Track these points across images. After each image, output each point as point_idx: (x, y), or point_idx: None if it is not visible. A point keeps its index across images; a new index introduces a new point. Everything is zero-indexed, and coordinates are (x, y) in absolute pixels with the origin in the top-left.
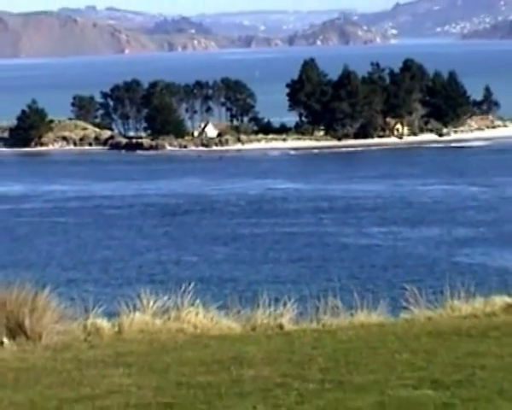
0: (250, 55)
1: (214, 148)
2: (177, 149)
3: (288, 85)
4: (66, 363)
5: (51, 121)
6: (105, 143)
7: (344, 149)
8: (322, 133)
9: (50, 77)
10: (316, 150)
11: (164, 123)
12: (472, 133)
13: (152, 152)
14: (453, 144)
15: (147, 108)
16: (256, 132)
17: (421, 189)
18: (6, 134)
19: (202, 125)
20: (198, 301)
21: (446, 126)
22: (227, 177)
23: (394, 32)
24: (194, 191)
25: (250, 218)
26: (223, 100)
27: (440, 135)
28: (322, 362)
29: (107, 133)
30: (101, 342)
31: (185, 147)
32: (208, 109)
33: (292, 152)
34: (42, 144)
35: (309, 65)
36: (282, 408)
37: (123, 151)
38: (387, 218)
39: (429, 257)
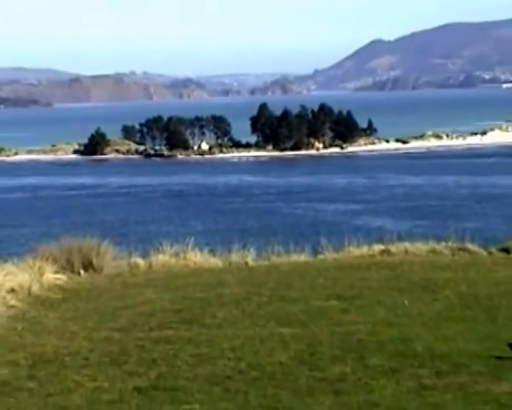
0: (227, 101)
1: (206, 156)
2: (184, 157)
3: (250, 119)
4: (118, 285)
5: (109, 140)
6: (141, 153)
7: (284, 157)
8: (271, 147)
9: (108, 114)
10: (267, 158)
11: (176, 141)
12: (361, 147)
13: (169, 159)
14: (349, 154)
15: (166, 133)
16: (231, 147)
17: (331, 181)
18: (82, 148)
19: (199, 143)
20: (196, 247)
21: (345, 143)
22: (215, 173)
23: (314, 87)
24: (195, 182)
25: (229, 198)
26: (211, 127)
27: (342, 148)
28: (270, 285)
29: (142, 148)
30: (138, 273)
31: (188, 156)
32: (203, 133)
33: (251, 159)
34: (103, 154)
35: (263, 107)
36: (247, 312)
37: (152, 159)
38: (311, 198)
39: (336, 221)
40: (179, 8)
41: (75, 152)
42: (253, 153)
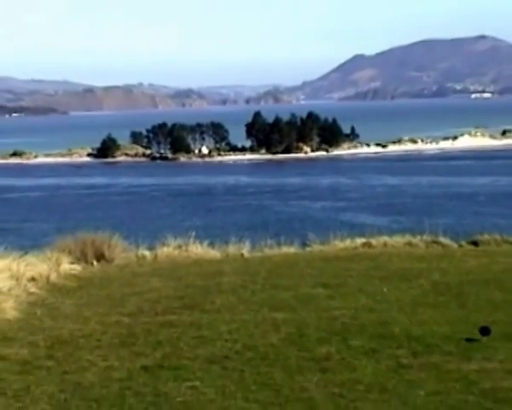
0: (225, 109)
1: (206, 159)
2: (186, 160)
3: (246, 125)
4: (127, 274)
5: (119, 145)
6: (148, 156)
7: (276, 160)
8: (264, 151)
9: (118, 122)
10: (261, 160)
11: (179, 146)
12: (344, 151)
13: (172, 162)
14: (334, 157)
15: (170, 138)
16: (229, 150)
17: (318, 181)
18: (95, 151)
19: (200, 147)
20: (197, 240)
21: (331, 147)
22: (214, 174)
23: (303, 97)
24: (196, 182)
25: (226, 196)
26: (211, 133)
27: (327, 152)
28: (264, 274)
29: (148, 151)
30: (145, 263)
31: (190, 159)
32: (203, 138)
33: (246, 162)
34: (114, 157)
35: (257, 114)
36: (243, 299)
37: (157, 161)
38: (300, 196)
39: (322, 217)
40: (181, 28)
41: (89, 155)
42: (248, 156)
